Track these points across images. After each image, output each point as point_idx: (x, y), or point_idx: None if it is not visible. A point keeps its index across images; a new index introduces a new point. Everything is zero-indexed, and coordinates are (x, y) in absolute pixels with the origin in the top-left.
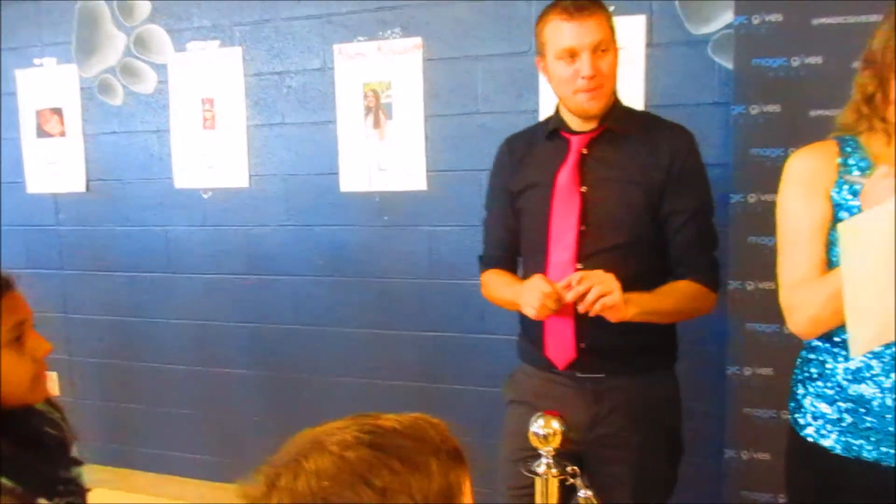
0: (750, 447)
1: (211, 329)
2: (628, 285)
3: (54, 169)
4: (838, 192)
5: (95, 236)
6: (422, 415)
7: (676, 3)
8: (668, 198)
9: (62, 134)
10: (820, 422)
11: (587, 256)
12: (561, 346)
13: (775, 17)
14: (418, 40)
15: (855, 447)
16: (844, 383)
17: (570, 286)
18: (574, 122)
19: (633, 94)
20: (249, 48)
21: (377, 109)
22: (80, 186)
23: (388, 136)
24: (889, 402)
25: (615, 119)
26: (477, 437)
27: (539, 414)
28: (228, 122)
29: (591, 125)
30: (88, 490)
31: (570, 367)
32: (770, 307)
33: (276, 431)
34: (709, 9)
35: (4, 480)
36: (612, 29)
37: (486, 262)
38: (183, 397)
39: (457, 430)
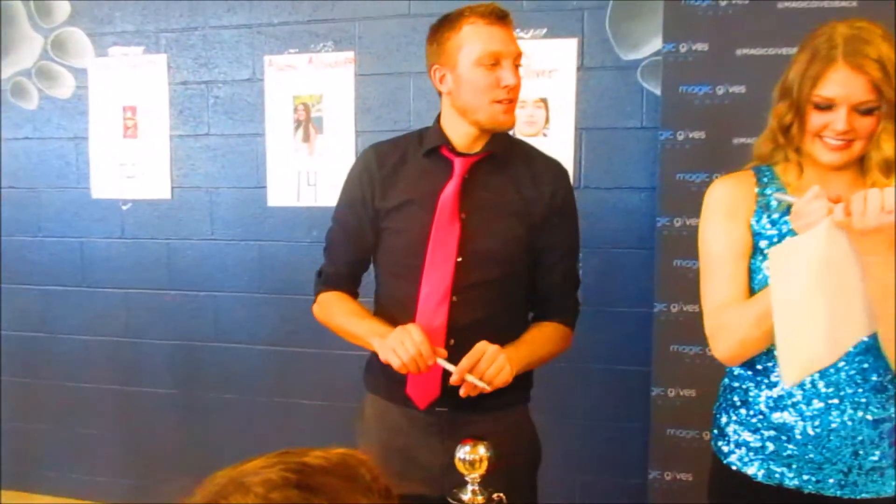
0: (673, 467)
1: (128, 346)
2: (496, 320)
3: None
4: (758, 221)
5: (6, 247)
6: (351, 451)
7: (608, 28)
8: (545, 233)
9: None
10: (743, 450)
11: (461, 289)
12: (425, 384)
13: (701, 46)
14: (350, 55)
15: (777, 475)
16: (766, 411)
17: (461, 376)
18: (459, 141)
19: (563, 117)
20: (175, 56)
21: (307, 123)
22: None
23: (318, 150)
24: (810, 430)
25: (500, 144)
26: None
27: (464, 439)
28: (151, 130)
29: (477, 147)
30: None
31: (430, 404)
32: (694, 329)
33: (195, 452)
34: (638, 35)
35: None
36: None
37: (326, 280)
38: (95, 417)
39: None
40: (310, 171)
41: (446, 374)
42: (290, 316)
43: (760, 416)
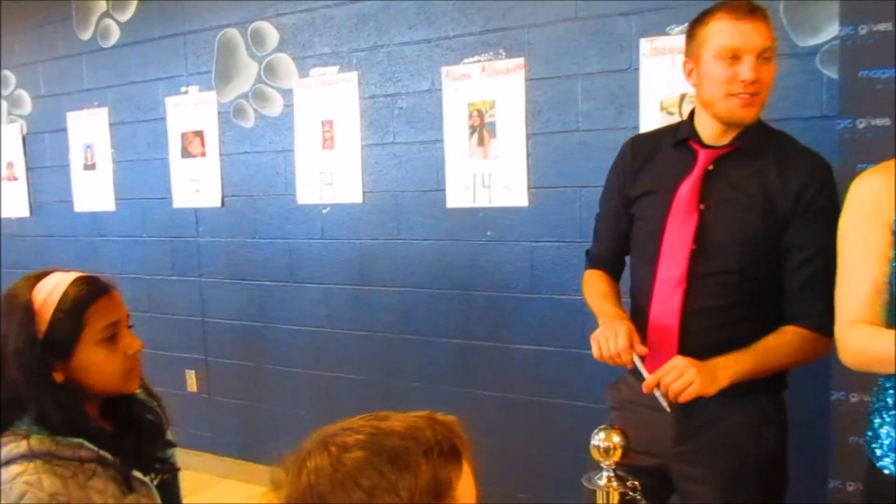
0: (856, 477)
1: (326, 335)
2: (734, 313)
3: (195, 186)
4: None
5: (229, 248)
6: (431, 413)
7: (782, 15)
8: (792, 230)
9: (203, 154)
10: None
11: (696, 277)
12: (662, 360)
13: (884, 27)
14: (521, 60)
15: None
16: None
17: (650, 387)
18: (707, 134)
19: None
20: (364, 72)
21: (482, 128)
22: (216, 202)
23: (491, 153)
24: None
25: (749, 137)
26: (574, 452)
27: (600, 427)
28: (345, 141)
29: (725, 140)
30: (179, 469)
31: None
32: None
33: None
34: (816, 20)
35: (105, 454)
36: (774, 40)
37: (591, 260)
38: (301, 398)
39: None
40: (485, 174)
41: (684, 354)
42: (469, 311)
43: None
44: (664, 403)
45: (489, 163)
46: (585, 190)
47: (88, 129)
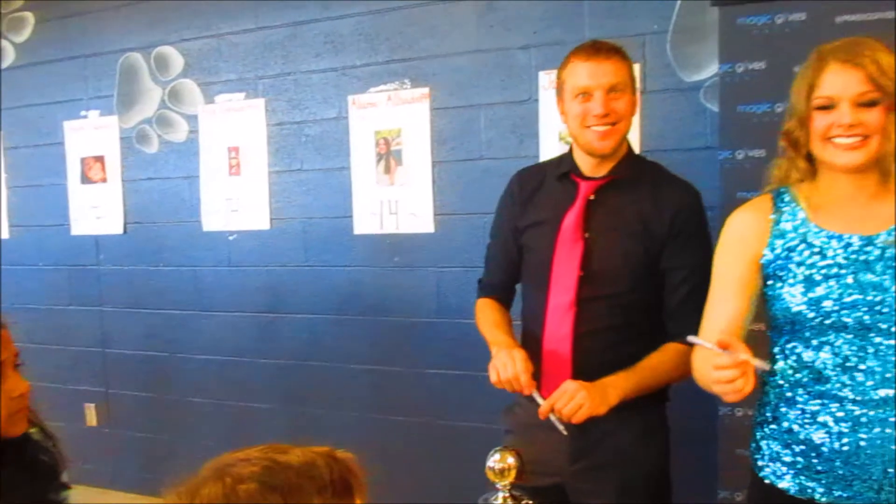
0: (743, 488)
1: (234, 364)
2: (621, 334)
3: (96, 212)
4: (772, 250)
5: (132, 276)
6: (330, 450)
7: (669, 53)
8: (668, 253)
9: (104, 180)
10: (777, 464)
11: (584, 301)
12: (557, 382)
13: (758, 65)
14: (426, 90)
15: (809, 490)
16: (796, 427)
17: (545, 413)
18: (585, 167)
19: (630, 138)
20: (272, 99)
21: (388, 156)
22: (118, 229)
23: (398, 180)
24: (838, 446)
25: (624, 168)
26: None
27: (495, 449)
28: (252, 168)
29: (602, 171)
30: None
31: None
32: (765, 347)
33: None
34: (700, 56)
35: None
36: (629, 75)
37: (483, 288)
38: (208, 429)
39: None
40: (391, 200)
41: (577, 377)
42: (377, 336)
43: (790, 433)
44: (560, 427)
45: (396, 190)
46: (490, 216)
47: None
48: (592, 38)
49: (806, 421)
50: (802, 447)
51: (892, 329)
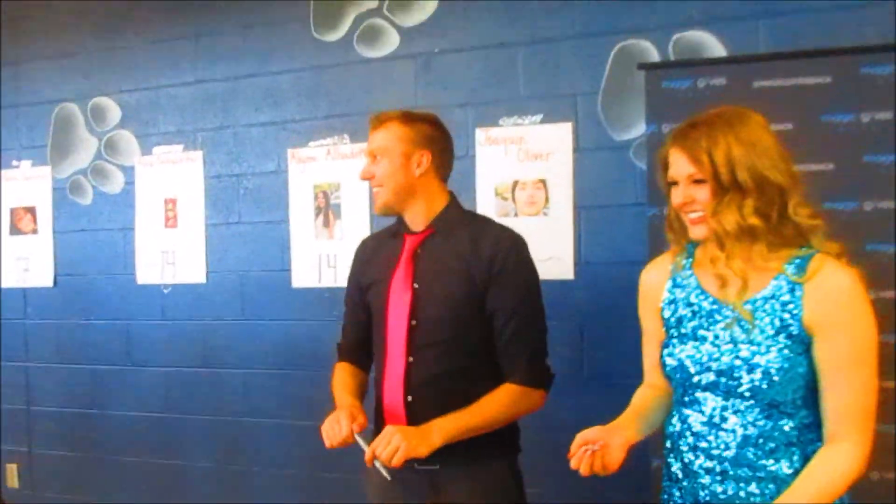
0: None
1: (166, 421)
2: (456, 380)
3: (24, 264)
4: (667, 301)
5: (61, 329)
6: None
7: (600, 111)
8: (491, 295)
9: (34, 231)
10: None
11: (416, 349)
12: None
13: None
14: (364, 145)
15: None
16: (680, 475)
17: (370, 458)
18: (411, 223)
19: (561, 196)
20: (210, 152)
21: (327, 209)
22: (48, 281)
23: (337, 234)
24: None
25: (441, 221)
26: None
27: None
28: (189, 220)
29: (422, 226)
30: None
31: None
32: None
33: None
34: (629, 117)
35: None
36: (398, 139)
37: (340, 353)
38: (138, 490)
39: None
40: (330, 254)
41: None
42: (314, 391)
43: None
44: (384, 472)
45: (335, 243)
46: None
47: None
48: (527, 95)
49: (686, 472)
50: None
51: (752, 394)
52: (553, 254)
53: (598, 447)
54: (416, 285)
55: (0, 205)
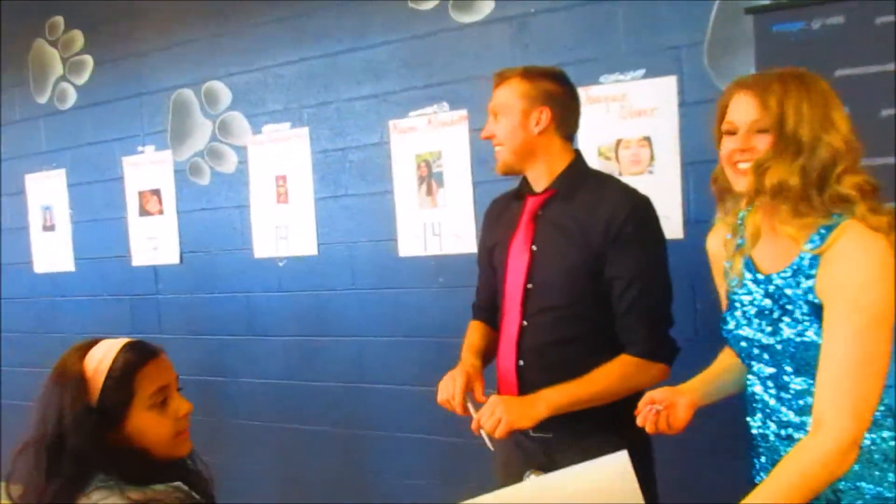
0: None
1: (284, 387)
2: (571, 347)
3: (153, 243)
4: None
5: (189, 304)
6: None
7: (706, 63)
8: (609, 263)
9: (160, 212)
10: None
11: (531, 314)
12: None
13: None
14: (464, 112)
15: None
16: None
17: (476, 426)
18: (533, 184)
19: (668, 154)
20: (315, 128)
21: (429, 178)
22: (174, 259)
23: (440, 202)
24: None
25: (562, 181)
26: None
27: (530, 470)
28: (299, 195)
29: (542, 186)
30: None
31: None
32: None
33: (350, 483)
34: (737, 67)
35: (196, 495)
36: (518, 95)
37: (473, 311)
38: (262, 452)
39: None
40: (434, 223)
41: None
42: (424, 357)
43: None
44: (488, 443)
45: (438, 211)
46: None
47: (46, 190)
48: (627, 51)
49: (764, 437)
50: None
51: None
52: (661, 213)
53: (664, 407)
54: (534, 248)
55: (125, 188)
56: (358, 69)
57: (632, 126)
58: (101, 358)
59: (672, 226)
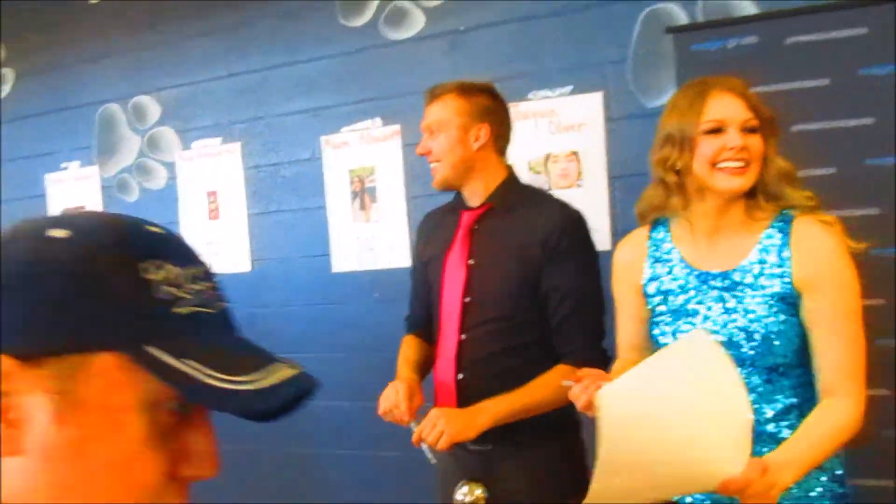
0: None
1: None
2: (509, 359)
3: None
4: (648, 278)
5: None
6: None
7: (630, 79)
8: (546, 275)
9: None
10: None
11: (469, 328)
12: None
13: None
14: (397, 127)
15: None
16: None
17: (416, 439)
18: (469, 198)
19: (596, 167)
20: (247, 143)
21: (363, 193)
22: None
23: (373, 217)
24: None
25: (499, 196)
26: None
27: (462, 482)
28: (230, 211)
29: (478, 201)
30: None
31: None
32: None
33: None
34: (659, 84)
35: None
36: (455, 112)
37: (407, 326)
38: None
39: None
40: (368, 238)
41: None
42: (361, 372)
43: None
44: (429, 455)
45: (372, 226)
46: None
47: None
48: (555, 67)
49: None
50: None
51: (752, 361)
52: (589, 226)
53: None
54: (470, 262)
55: (48, 206)
56: (290, 84)
57: (560, 141)
58: None
59: (601, 237)
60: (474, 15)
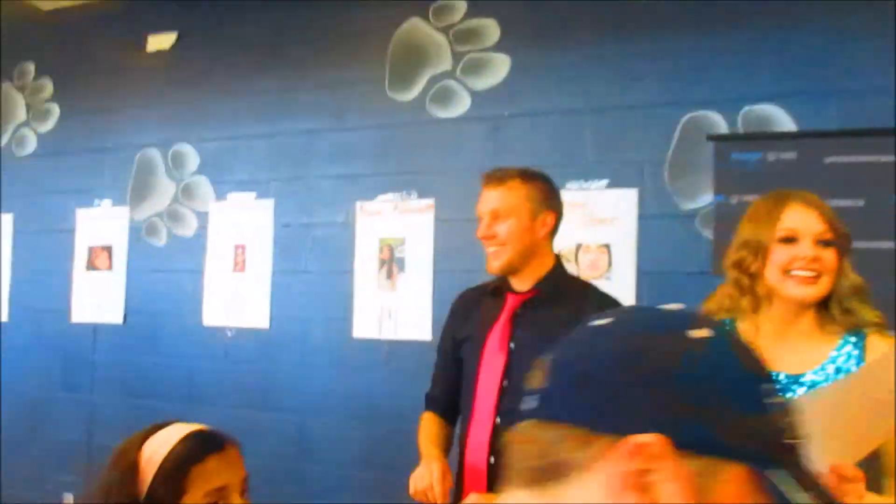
0: None
1: None
2: None
3: (97, 300)
4: None
5: (127, 366)
6: None
7: (667, 180)
8: None
9: (109, 268)
10: None
11: (505, 413)
12: None
13: (752, 198)
14: (431, 201)
15: None
16: None
17: None
18: (516, 283)
19: (625, 262)
20: (281, 200)
21: (391, 262)
22: (118, 318)
23: (399, 287)
24: None
25: (547, 283)
26: None
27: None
28: (256, 266)
29: (527, 286)
30: None
31: None
32: None
33: None
34: (695, 187)
35: None
36: (524, 198)
37: (427, 402)
38: None
39: None
40: (391, 307)
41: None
42: (368, 441)
43: None
44: None
45: (396, 296)
46: None
47: None
48: (593, 161)
49: None
50: None
51: None
52: None
53: None
54: (511, 345)
55: (76, 241)
56: (331, 148)
57: (592, 233)
58: (159, 446)
59: None
60: (519, 102)
